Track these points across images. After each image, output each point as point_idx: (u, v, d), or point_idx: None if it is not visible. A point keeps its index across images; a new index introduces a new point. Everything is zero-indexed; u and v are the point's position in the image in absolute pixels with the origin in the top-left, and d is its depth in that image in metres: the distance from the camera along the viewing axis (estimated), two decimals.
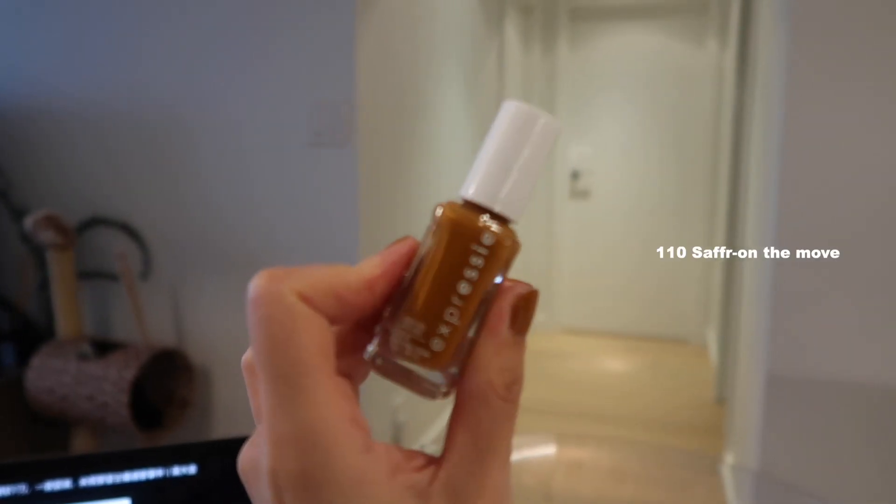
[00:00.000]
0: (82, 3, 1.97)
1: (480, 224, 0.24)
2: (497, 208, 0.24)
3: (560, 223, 4.24)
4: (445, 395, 0.25)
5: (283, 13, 1.80)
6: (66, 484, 0.49)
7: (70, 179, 2.06)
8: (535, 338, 4.20)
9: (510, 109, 0.25)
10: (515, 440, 0.25)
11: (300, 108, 1.82)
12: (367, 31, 1.82)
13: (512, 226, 0.24)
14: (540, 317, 4.30)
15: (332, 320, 0.23)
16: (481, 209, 0.24)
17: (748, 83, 2.46)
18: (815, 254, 1.42)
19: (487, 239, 0.23)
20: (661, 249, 4.09)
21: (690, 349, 3.96)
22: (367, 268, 0.24)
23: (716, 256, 3.76)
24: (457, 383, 0.24)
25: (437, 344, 0.24)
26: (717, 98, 3.82)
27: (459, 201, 0.24)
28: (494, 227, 0.24)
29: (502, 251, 0.23)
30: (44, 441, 1.97)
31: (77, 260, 1.92)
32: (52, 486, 0.49)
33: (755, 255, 1.85)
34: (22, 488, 0.49)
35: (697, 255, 3.97)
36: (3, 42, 2.05)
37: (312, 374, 0.22)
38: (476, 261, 0.23)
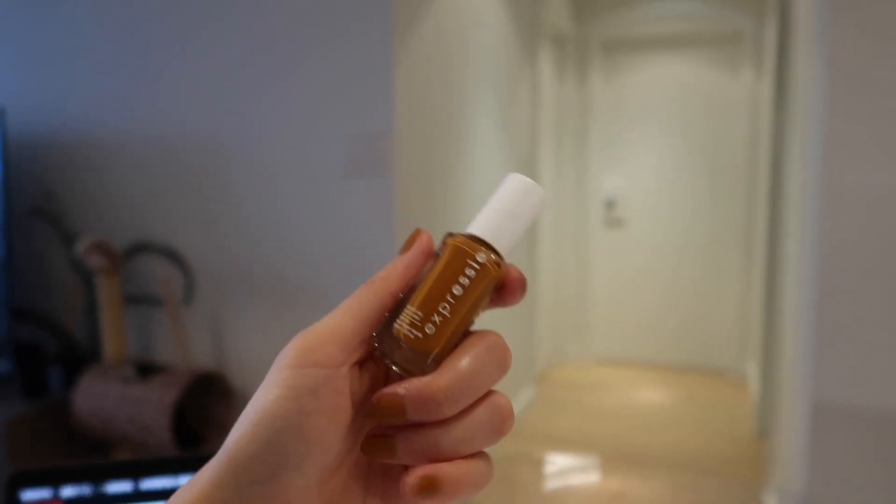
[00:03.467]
0: (122, 38, 2.06)
1: (476, 247, 0.30)
2: (491, 242, 0.31)
3: (594, 252, 4.22)
4: (424, 373, 0.29)
5: (319, 45, 1.86)
6: (127, 486, 0.51)
7: (115, 207, 2.13)
8: (570, 369, 4.16)
9: (512, 178, 0.32)
10: (559, 467, 0.28)
11: (337, 137, 1.87)
12: (404, 61, 1.86)
13: (501, 261, 0.31)
14: (574, 348, 4.26)
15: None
16: (480, 241, 0.31)
17: (786, 111, 2.45)
18: (860, 280, 1.40)
19: (480, 258, 0.30)
20: (696, 279, 4.04)
21: (727, 381, 3.88)
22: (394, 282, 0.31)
23: (754, 285, 3.70)
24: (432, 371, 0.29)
25: (429, 328, 0.29)
26: (752, 127, 3.80)
27: (464, 235, 0.31)
28: (486, 252, 0.30)
29: (488, 270, 0.30)
30: None
31: (122, 285, 1.97)
32: (114, 487, 0.51)
33: (797, 283, 1.82)
34: (86, 489, 0.51)
35: (734, 284, 3.92)
36: (53, 79, 2.15)
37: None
38: (469, 272, 0.30)
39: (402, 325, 0.29)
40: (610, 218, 4.20)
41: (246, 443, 0.27)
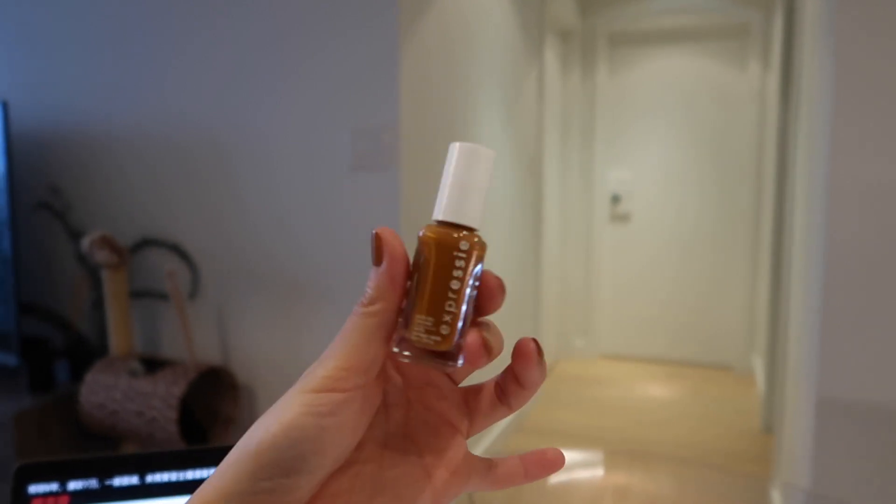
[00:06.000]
0: (128, 33, 2.06)
1: (456, 236, 0.31)
2: (464, 222, 0.31)
3: (600, 247, 4.21)
4: (454, 365, 0.31)
5: (325, 40, 1.85)
6: (133, 480, 0.51)
7: (121, 202, 2.13)
8: (575, 363, 4.16)
9: (456, 148, 0.32)
10: (564, 461, 0.34)
11: (342, 131, 1.87)
12: (408, 55, 1.86)
13: (477, 232, 0.32)
14: (579, 342, 4.26)
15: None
16: (453, 225, 0.31)
17: (792, 105, 2.44)
18: (866, 276, 1.39)
19: (464, 245, 0.31)
20: (702, 274, 4.03)
21: (734, 376, 3.87)
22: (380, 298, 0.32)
23: (760, 280, 3.69)
24: (462, 351, 0.31)
25: (444, 329, 0.31)
26: (759, 120, 3.78)
27: (434, 223, 0.32)
28: (466, 235, 0.31)
29: (474, 251, 0.31)
30: None
31: (128, 279, 1.98)
32: (120, 481, 0.51)
33: (803, 279, 1.81)
34: (93, 483, 0.51)
35: (740, 279, 3.90)
36: (58, 73, 2.16)
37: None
38: (459, 263, 0.31)
39: (419, 336, 0.31)
40: (616, 212, 4.19)
41: (265, 449, 0.29)
